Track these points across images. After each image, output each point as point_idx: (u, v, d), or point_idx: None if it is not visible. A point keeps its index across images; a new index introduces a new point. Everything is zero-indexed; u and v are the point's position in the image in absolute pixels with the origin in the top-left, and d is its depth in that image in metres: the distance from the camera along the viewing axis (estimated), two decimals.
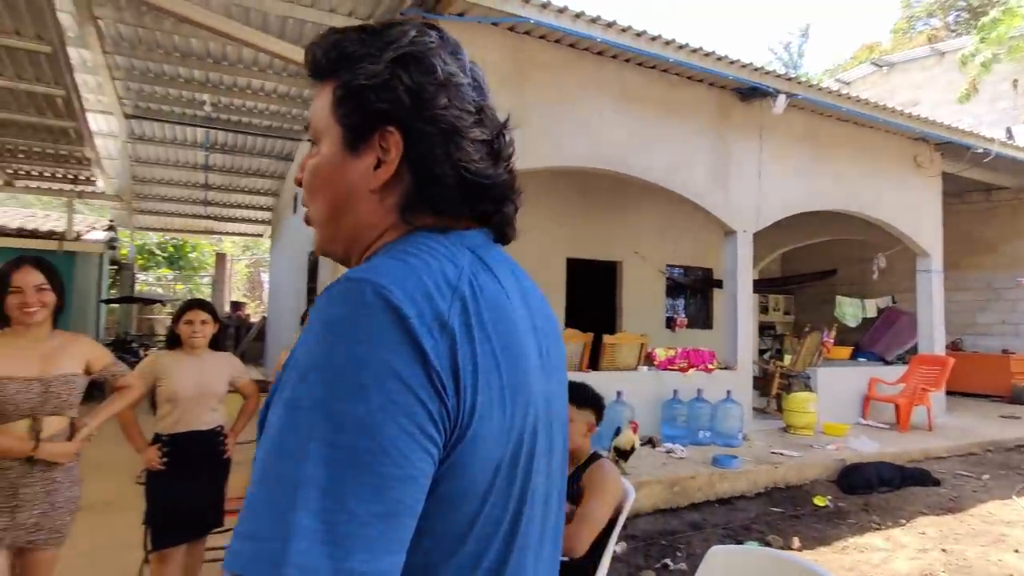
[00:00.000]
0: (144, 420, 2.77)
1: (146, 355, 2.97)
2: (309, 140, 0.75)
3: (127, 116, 8.30)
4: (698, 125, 6.50)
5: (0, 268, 2.12)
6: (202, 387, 2.79)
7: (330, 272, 7.67)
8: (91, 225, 11.63)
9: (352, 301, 0.56)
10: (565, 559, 2.06)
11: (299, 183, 0.76)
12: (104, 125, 8.98)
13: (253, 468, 0.53)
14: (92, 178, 9.60)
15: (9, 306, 2.07)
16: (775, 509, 4.70)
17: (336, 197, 0.71)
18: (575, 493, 2.20)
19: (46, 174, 9.45)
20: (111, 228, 12.17)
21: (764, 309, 13.70)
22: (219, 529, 3.01)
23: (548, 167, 5.64)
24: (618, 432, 4.70)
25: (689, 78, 6.35)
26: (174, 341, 2.87)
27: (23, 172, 9.31)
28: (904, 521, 4.50)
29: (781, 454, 5.67)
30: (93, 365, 2.29)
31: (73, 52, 5.95)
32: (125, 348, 12.30)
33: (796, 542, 3.98)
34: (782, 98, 6.28)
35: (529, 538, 0.65)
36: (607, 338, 6.32)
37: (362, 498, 0.50)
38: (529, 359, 0.66)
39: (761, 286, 11.16)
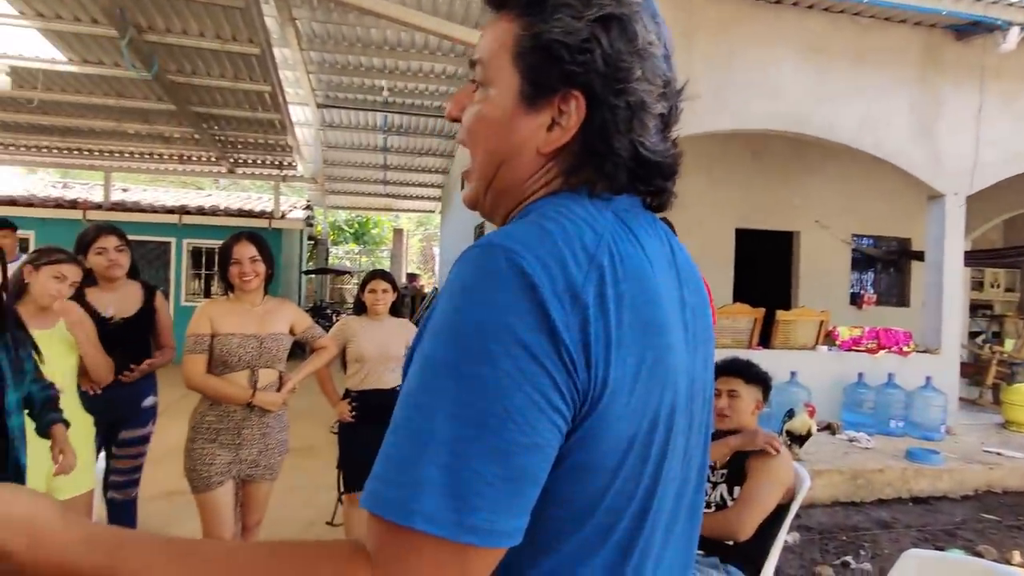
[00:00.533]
0: (337, 377, 3.12)
1: (337, 320, 3.34)
2: (472, 79, 0.70)
3: (319, 106, 9.25)
4: (897, 74, 5.67)
5: (223, 243, 2.51)
6: (384, 349, 3.07)
7: None
8: (293, 205, 13.22)
9: (485, 267, 0.56)
10: (729, 543, 1.98)
11: (451, 118, 0.73)
12: (301, 115, 10.12)
13: (393, 416, 0.56)
14: (293, 163, 10.89)
15: (231, 275, 2.44)
16: (988, 516, 4.08)
17: (498, 150, 0.67)
18: (739, 473, 2.10)
19: (258, 161, 10.90)
20: (308, 207, 13.75)
21: (978, 285, 11.76)
22: None
23: (717, 131, 5.30)
24: (791, 415, 4.37)
25: (887, 19, 5.54)
26: (360, 308, 3.18)
27: (241, 160, 10.82)
28: None
29: (998, 453, 4.89)
30: (296, 327, 2.62)
31: (276, 51, 6.74)
32: (320, 314, 13.97)
33: (1017, 556, 3.43)
34: (1015, 31, 5.24)
35: (661, 516, 0.64)
36: (781, 314, 5.86)
37: (487, 460, 0.51)
38: (671, 334, 0.62)
39: (976, 258, 9.56)
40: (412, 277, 18.99)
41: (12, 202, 10.41)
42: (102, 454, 2.74)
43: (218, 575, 0.52)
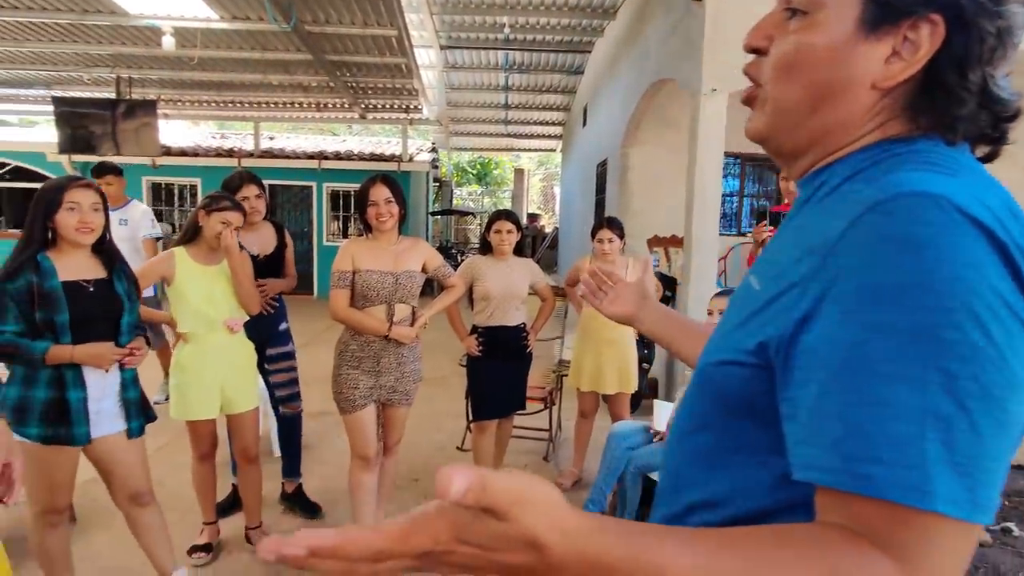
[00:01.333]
0: (464, 314, 3.27)
1: (463, 260, 3.48)
2: (787, 7, 0.63)
3: (442, 47, 9.33)
4: None
5: (361, 186, 2.66)
6: (508, 288, 3.16)
7: (617, 185, 7.79)
8: (419, 148, 13.66)
9: (937, 219, 0.49)
10: None
11: (751, 49, 0.66)
12: (426, 58, 10.28)
13: (842, 387, 0.49)
14: (419, 107, 11.17)
15: (368, 216, 2.60)
16: None
17: (824, 84, 0.60)
18: None
19: (386, 106, 11.30)
20: (433, 150, 14.13)
21: None
22: (521, 412, 3.48)
23: None
24: None
25: None
26: (486, 247, 3.27)
27: (371, 106, 11.27)
28: None
29: None
30: (428, 265, 2.76)
31: None
32: (446, 254, 14.55)
33: None
34: None
35: None
36: None
37: (991, 434, 0.47)
38: None
39: None
40: (533, 217, 19.13)
41: (182, 152, 11.69)
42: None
43: (736, 565, 0.47)
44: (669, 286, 5.05)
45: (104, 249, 2.08)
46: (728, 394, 0.62)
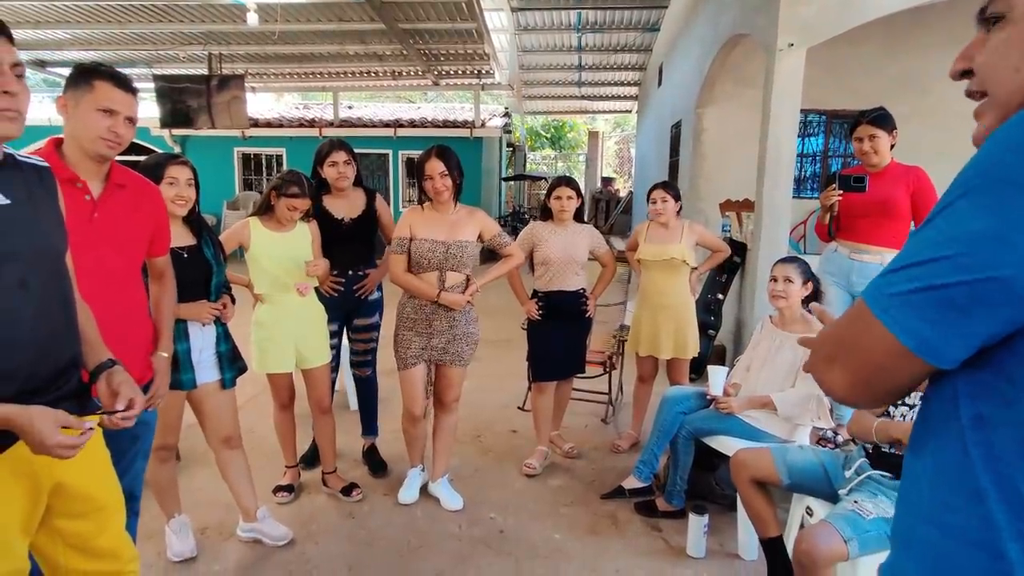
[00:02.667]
0: (526, 279, 3.36)
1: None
2: (988, 16, 0.67)
3: (513, 10, 9.24)
4: None
5: (418, 159, 2.79)
6: (568, 253, 3.21)
7: (691, 147, 7.55)
8: (492, 113, 13.70)
9: None
10: None
11: (956, 75, 0.72)
12: (497, 22, 10.22)
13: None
14: (490, 71, 11.17)
15: (426, 188, 2.74)
16: None
17: None
18: None
19: (459, 72, 11.37)
20: (506, 115, 14.13)
21: None
22: (581, 375, 3.56)
23: None
24: None
25: None
26: (546, 213, 3.32)
27: (444, 72, 11.38)
28: None
29: None
30: (485, 234, 2.86)
31: None
32: (519, 219, 14.65)
33: None
34: None
35: None
36: None
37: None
38: None
39: None
40: (607, 181, 18.82)
41: (268, 124, 12.29)
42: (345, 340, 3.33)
43: None
44: (739, 252, 4.92)
45: (193, 219, 2.31)
46: None
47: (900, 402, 2.08)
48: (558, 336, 3.28)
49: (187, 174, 2.23)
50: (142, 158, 2.42)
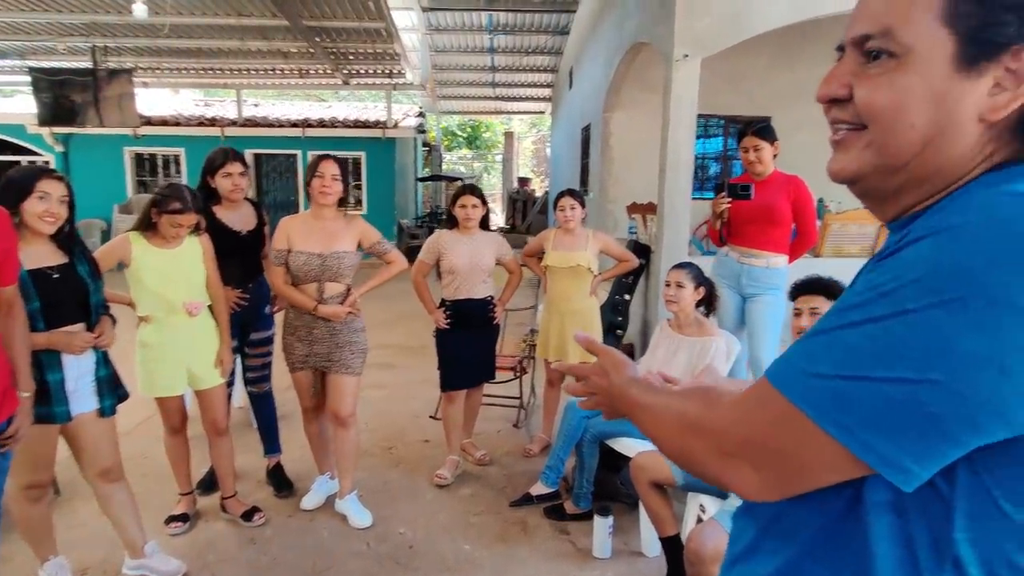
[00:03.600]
0: (434, 287, 3.33)
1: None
2: (869, 50, 0.62)
3: (424, 10, 9.15)
4: None
5: (311, 160, 2.76)
6: (474, 262, 3.21)
7: (600, 150, 7.75)
8: (406, 113, 13.50)
9: None
10: None
11: (827, 100, 0.66)
12: (407, 21, 10.09)
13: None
14: (402, 71, 11.02)
15: (313, 187, 2.71)
16: None
17: (932, 123, 0.59)
18: None
19: (369, 71, 11.14)
20: (420, 115, 13.97)
21: None
22: (492, 381, 3.58)
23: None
24: None
25: None
26: (452, 221, 3.30)
27: (354, 71, 11.11)
28: None
29: None
30: (364, 242, 2.85)
31: None
32: (437, 219, 14.54)
33: None
34: None
35: None
36: None
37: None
38: None
39: None
40: (523, 181, 18.99)
41: (164, 122, 11.54)
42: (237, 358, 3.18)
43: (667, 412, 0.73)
44: (643, 254, 5.10)
45: (64, 236, 2.13)
46: None
47: None
48: (467, 344, 3.28)
49: (61, 191, 2.05)
50: (18, 159, 2.21)
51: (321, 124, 11.83)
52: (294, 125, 11.71)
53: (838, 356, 0.55)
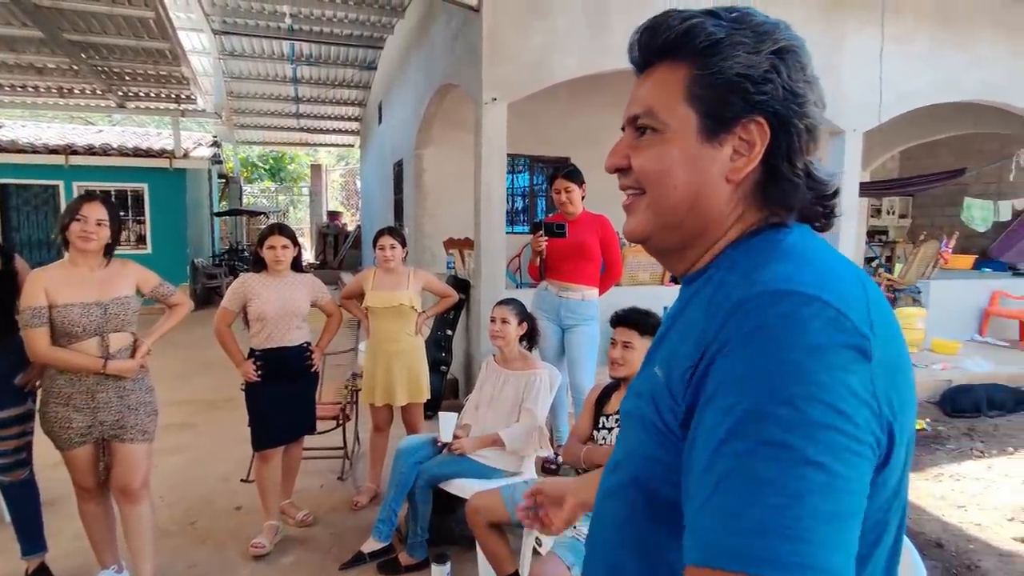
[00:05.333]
0: (241, 336, 3.01)
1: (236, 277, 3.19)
2: (639, 126, 0.73)
3: (215, 32, 8.47)
4: (801, 11, 5.74)
5: (70, 202, 2.35)
6: (286, 307, 2.97)
7: (413, 186, 7.77)
8: (197, 142, 12.31)
9: (788, 312, 0.57)
10: None
11: (614, 169, 0.76)
12: (197, 43, 9.27)
13: (728, 468, 0.54)
14: (192, 96, 10.05)
15: (71, 231, 2.28)
16: None
17: (689, 187, 0.71)
18: None
19: (151, 94, 9.98)
20: (215, 144, 12.84)
21: (876, 212, 12.55)
22: (313, 433, 3.31)
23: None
24: None
25: None
26: (260, 264, 3.03)
27: (132, 93, 9.87)
28: (1012, 450, 4.19)
29: None
30: (143, 287, 2.52)
31: None
32: (238, 256, 13.37)
33: None
34: None
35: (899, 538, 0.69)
36: None
37: (847, 528, 0.52)
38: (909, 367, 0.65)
39: (872, 190, 10.16)
40: (334, 215, 18.36)
41: None
42: None
43: None
44: (463, 289, 5.17)
45: None
46: None
47: (601, 426, 2.36)
48: (282, 396, 3.01)
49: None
50: None
51: (91, 151, 10.26)
52: (53, 151, 10.02)
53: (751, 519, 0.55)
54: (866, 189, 9.22)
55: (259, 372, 2.95)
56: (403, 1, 7.54)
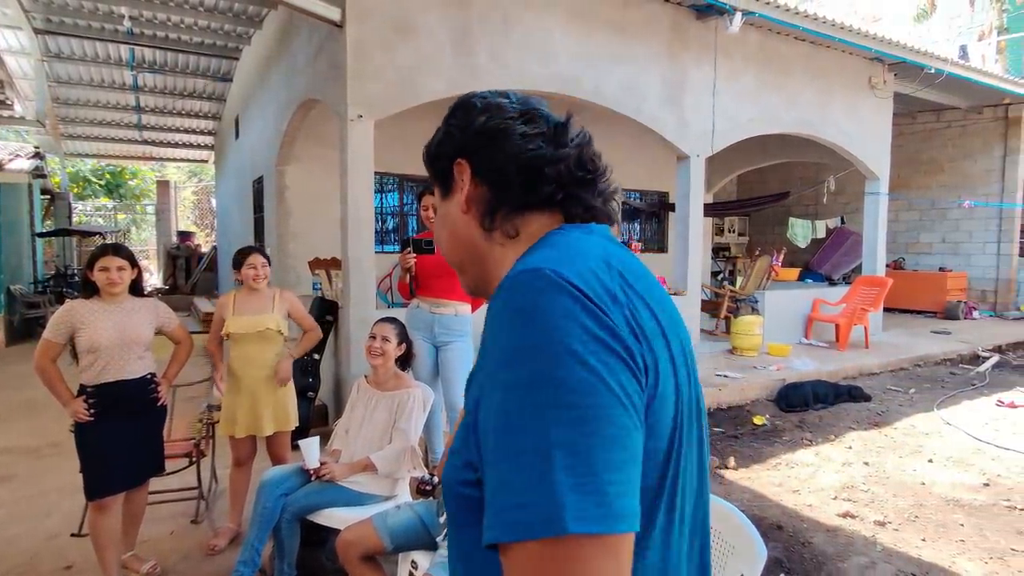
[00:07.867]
0: (69, 372, 2.66)
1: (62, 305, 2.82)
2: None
3: (37, 31, 7.55)
4: (652, 46, 6.26)
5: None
6: (124, 335, 2.68)
7: (275, 204, 7.40)
8: (15, 153, 10.83)
9: (537, 286, 0.63)
10: None
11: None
12: (14, 42, 8.21)
13: (493, 447, 0.58)
14: (8, 101, 8.84)
15: None
16: (716, 430, 4.93)
17: (453, 228, 0.84)
18: None
19: None
20: (38, 155, 11.36)
21: (720, 230, 13.88)
22: (161, 474, 3.00)
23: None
24: None
25: None
26: (90, 289, 2.71)
27: None
28: (834, 437, 4.78)
29: (725, 376, 5.90)
30: None
31: None
32: (67, 282, 11.84)
33: (732, 461, 4.21)
34: (738, 16, 6.07)
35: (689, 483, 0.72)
36: None
37: (608, 448, 0.55)
38: (679, 322, 0.75)
39: (714, 210, 11.24)
40: (184, 236, 16.92)
41: None
42: None
43: None
44: (331, 311, 4.97)
45: None
46: None
47: None
48: (122, 435, 2.70)
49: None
50: None
51: None
52: None
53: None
54: (710, 209, 10.19)
55: (92, 411, 2.63)
56: (260, 11, 7.20)
